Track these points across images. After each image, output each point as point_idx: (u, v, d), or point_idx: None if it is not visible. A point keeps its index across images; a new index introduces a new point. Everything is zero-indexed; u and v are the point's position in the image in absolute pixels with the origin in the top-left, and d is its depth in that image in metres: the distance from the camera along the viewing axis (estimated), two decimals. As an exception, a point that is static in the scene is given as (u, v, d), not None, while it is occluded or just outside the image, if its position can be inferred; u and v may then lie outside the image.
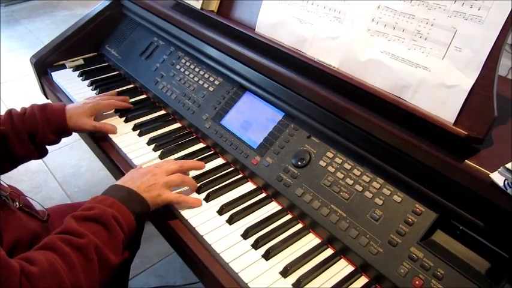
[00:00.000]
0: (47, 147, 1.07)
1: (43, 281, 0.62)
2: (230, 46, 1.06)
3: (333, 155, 0.87)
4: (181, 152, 1.06)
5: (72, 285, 0.65)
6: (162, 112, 1.22)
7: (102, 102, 1.13)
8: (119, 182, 0.86)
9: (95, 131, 1.11)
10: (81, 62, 1.46)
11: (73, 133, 1.10)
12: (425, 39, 0.77)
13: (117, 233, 0.74)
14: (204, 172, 0.98)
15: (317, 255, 0.80)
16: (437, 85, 0.75)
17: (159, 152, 1.05)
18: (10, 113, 1.00)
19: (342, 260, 0.79)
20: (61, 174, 2.21)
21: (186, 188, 0.92)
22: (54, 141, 1.06)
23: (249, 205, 0.89)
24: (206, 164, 1.00)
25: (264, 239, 0.81)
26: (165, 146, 1.07)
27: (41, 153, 1.06)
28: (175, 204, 0.87)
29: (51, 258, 0.65)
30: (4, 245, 0.68)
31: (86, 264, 0.68)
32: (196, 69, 1.19)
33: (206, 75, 1.16)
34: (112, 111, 1.20)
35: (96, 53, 1.51)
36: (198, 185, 0.94)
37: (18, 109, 1.03)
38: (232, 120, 1.05)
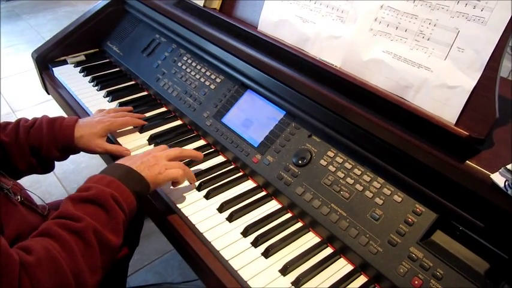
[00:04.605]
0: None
1: (40, 269, 0.60)
2: (232, 44, 1.06)
3: (333, 154, 0.87)
4: (182, 149, 1.06)
5: (71, 271, 0.63)
6: (163, 109, 1.22)
7: (118, 121, 1.05)
8: (118, 162, 0.83)
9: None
10: (82, 58, 1.46)
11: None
12: (428, 39, 0.77)
13: (116, 214, 0.71)
14: (204, 170, 0.98)
15: (317, 253, 0.80)
16: (439, 85, 0.75)
17: (159, 149, 1.05)
18: (18, 123, 0.95)
19: (342, 259, 0.79)
20: (61, 170, 2.21)
21: (185, 184, 0.93)
22: (60, 158, 0.98)
23: (249, 203, 0.89)
24: (207, 162, 1.01)
25: (264, 237, 0.81)
26: (165, 143, 1.07)
27: (46, 169, 1.00)
28: (177, 179, 0.85)
29: (47, 244, 0.63)
30: (6, 238, 0.68)
31: (85, 248, 0.66)
32: (198, 67, 1.19)
33: (208, 73, 1.16)
34: None
35: (97, 49, 1.50)
36: (199, 182, 0.94)
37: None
38: (234, 118, 1.05)
